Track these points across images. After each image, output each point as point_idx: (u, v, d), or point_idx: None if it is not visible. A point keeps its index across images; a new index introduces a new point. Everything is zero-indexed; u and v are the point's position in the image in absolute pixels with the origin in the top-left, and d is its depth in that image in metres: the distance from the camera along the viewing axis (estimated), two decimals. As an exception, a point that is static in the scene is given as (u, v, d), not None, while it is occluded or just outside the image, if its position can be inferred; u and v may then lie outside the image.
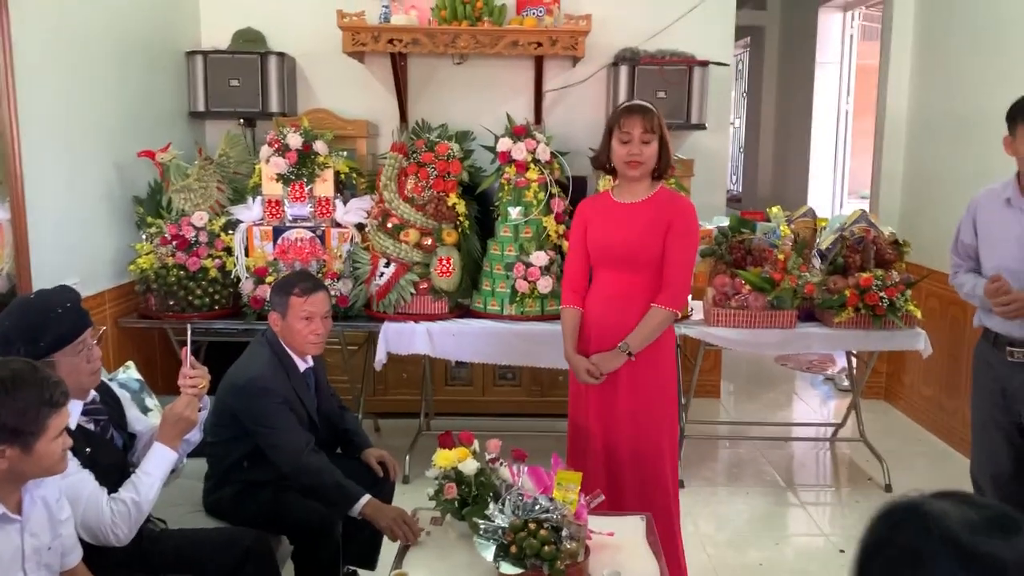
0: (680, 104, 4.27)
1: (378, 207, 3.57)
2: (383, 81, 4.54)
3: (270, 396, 2.44)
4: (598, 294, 2.64)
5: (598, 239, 2.61)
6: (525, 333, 3.45)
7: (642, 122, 2.52)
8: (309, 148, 3.58)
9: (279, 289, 2.58)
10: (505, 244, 3.54)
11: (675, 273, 2.56)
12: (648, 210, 2.59)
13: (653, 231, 2.55)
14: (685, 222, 2.58)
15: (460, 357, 3.55)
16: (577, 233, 2.70)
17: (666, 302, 2.56)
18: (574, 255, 2.71)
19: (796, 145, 7.12)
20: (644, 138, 2.53)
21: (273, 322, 2.58)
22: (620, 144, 2.55)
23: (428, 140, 3.59)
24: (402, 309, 3.52)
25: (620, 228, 2.58)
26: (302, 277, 2.63)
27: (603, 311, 2.61)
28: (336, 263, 3.57)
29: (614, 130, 2.57)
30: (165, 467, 2.07)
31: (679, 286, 2.59)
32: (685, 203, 2.64)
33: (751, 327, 3.44)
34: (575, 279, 2.70)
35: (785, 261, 3.44)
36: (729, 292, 3.47)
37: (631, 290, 2.58)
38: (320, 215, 3.64)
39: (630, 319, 2.58)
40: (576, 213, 2.76)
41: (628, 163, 2.54)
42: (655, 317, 2.57)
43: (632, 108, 2.56)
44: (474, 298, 3.62)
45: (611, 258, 2.59)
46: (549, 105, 4.56)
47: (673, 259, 2.55)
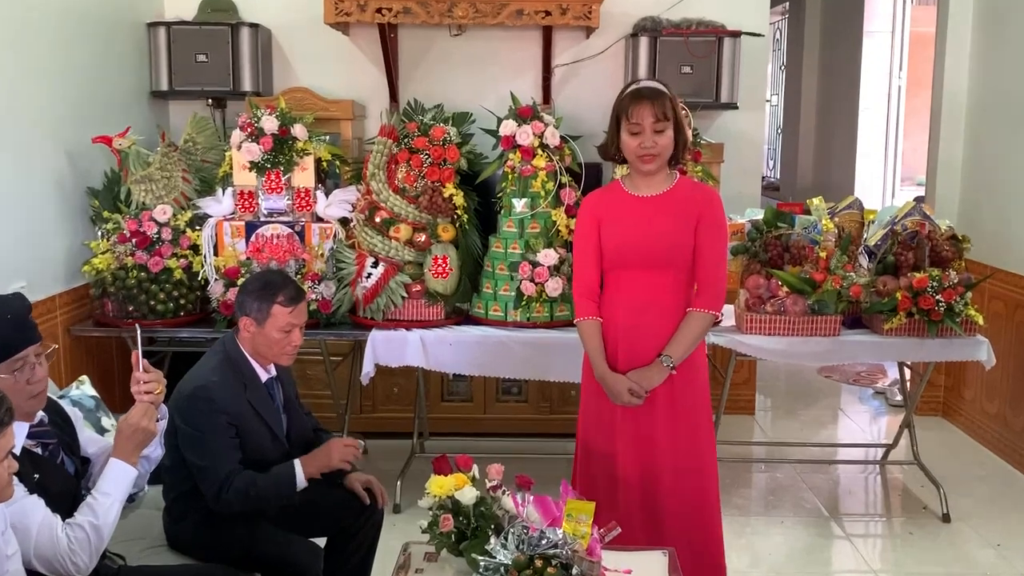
0: (708, 81, 4.27)
1: (365, 199, 3.58)
2: (371, 56, 4.55)
3: (212, 410, 2.44)
4: (620, 300, 2.63)
5: (621, 240, 2.61)
6: (532, 342, 3.45)
7: (653, 110, 2.52)
8: (286, 132, 3.59)
9: (258, 293, 2.59)
10: (509, 241, 3.55)
11: (711, 271, 2.58)
12: (672, 204, 2.59)
13: (683, 226, 2.56)
14: (715, 213, 2.60)
15: (458, 370, 3.55)
16: (587, 232, 2.69)
17: (706, 304, 2.58)
18: (584, 258, 2.69)
19: (841, 126, 7.11)
20: (657, 127, 2.54)
21: (244, 327, 2.59)
22: (630, 136, 2.56)
23: (421, 123, 3.59)
24: (392, 315, 3.52)
25: (642, 225, 2.58)
26: (284, 281, 2.64)
27: (632, 319, 2.61)
28: (317, 263, 3.58)
29: (621, 120, 2.58)
30: (124, 485, 2.07)
31: (717, 285, 2.61)
32: (712, 193, 2.64)
33: (789, 335, 3.44)
34: (590, 285, 2.69)
35: (828, 260, 3.43)
36: (764, 295, 3.47)
37: (660, 293, 2.59)
38: (299, 208, 3.64)
39: (664, 327, 2.59)
40: (583, 209, 2.75)
41: (641, 157, 2.55)
42: (697, 323, 2.58)
43: (640, 94, 2.56)
44: (474, 302, 3.62)
45: (635, 259, 2.59)
46: (559, 83, 4.57)
47: (707, 256, 2.57)
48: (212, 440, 2.44)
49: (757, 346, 3.46)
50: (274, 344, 2.58)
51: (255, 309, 2.58)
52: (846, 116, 6.99)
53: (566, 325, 3.45)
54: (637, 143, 2.54)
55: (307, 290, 3.43)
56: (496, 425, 4.51)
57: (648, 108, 2.52)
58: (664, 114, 2.53)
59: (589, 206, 2.72)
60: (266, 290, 2.59)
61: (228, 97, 4.42)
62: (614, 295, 2.66)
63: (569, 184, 3.59)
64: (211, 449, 2.44)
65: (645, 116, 2.52)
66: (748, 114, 4.61)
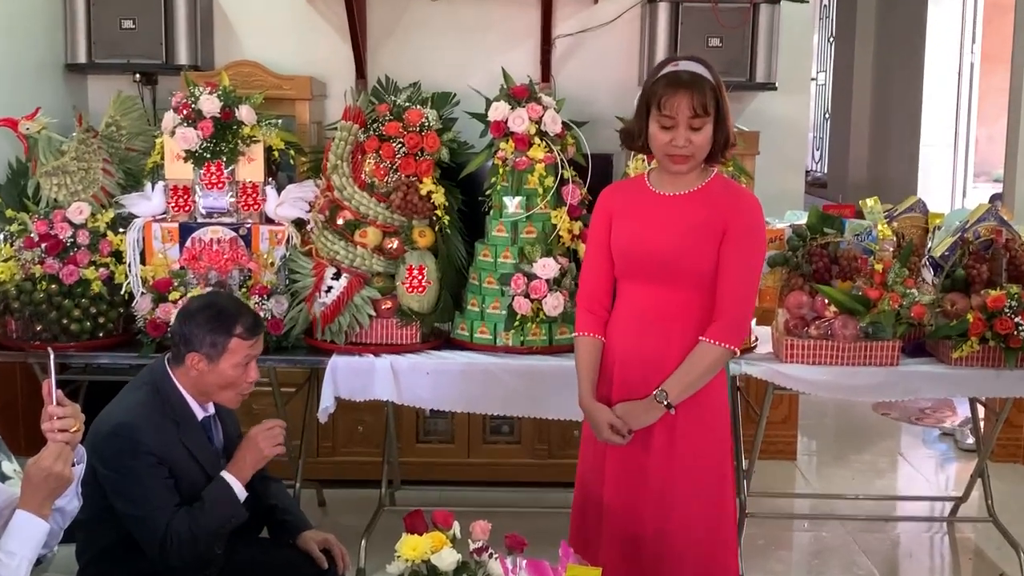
0: (741, 56, 4.30)
1: (325, 197, 3.58)
2: (333, 24, 4.57)
3: (137, 450, 2.45)
4: (625, 317, 2.66)
5: (628, 241, 2.64)
6: (527, 371, 3.45)
7: (691, 101, 2.52)
8: (230, 115, 3.59)
9: (211, 325, 2.61)
10: (500, 248, 3.55)
11: (733, 296, 2.58)
12: (698, 205, 2.61)
13: (704, 235, 2.57)
14: (748, 223, 2.61)
15: (437, 405, 3.54)
16: (599, 232, 2.72)
17: (720, 336, 2.58)
18: (594, 262, 2.73)
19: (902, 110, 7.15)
20: (694, 123, 2.54)
21: (192, 365, 2.60)
22: (660, 129, 2.57)
23: (394, 105, 3.59)
24: (357, 337, 3.52)
25: (659, 228, 2.60)
26: (239, 307, 2.67)
27: (633, 341, 2.63)
28: (266, 274, 3.57)
29: (652, 107, 2.58)
30: (34, 543, 2.07)
31: (738, 314, 2.61)
32: (748, 199, 2.65)
33: (837, 364, 3.44)
34: (595, 296, 2.72)
35: (884, 273, 3.44)
36: (807, 315, 3.48)
37: (669, 314, 2.61)
38: (245, 208, 3.64)
39: (670, 353, 2.60)
40: (598, 205, 2.78)
41: (671, 157, 2.57)
42: (704, 357, 2.58)
43: (678, 80, 2.55)
44: (456, 323, 3.62)
45: (645, 268, 2.61)
46: (561, 57, 4.59)
47: (731, 276, 2.58)
48: (144, 484, 2.46)
49: (799, 377, 3.46)
50: (228, 382, 2.61)
51: (207, 344, 2.60)
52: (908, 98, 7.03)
53: (568, 351, 3.44)
54: (668, 139, 2.56)
55: (255, 306, 3.42)
56: (483, 472, 4.50)
57: (686, 99, 2.52)
58: (704, 107, 2.53)
59: (604, 200, 2.76)
60: (221, 320, 2.61)
61: (160, 72, 4.42)
62: (619, 310, 2.70)
63: (573, 180, 3.59)
64: (144, 495, 2.46)
65: (681, 109, 2.53)
66: (789, 96, 4.64)
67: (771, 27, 4.33)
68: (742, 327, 2.64)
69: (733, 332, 2.60)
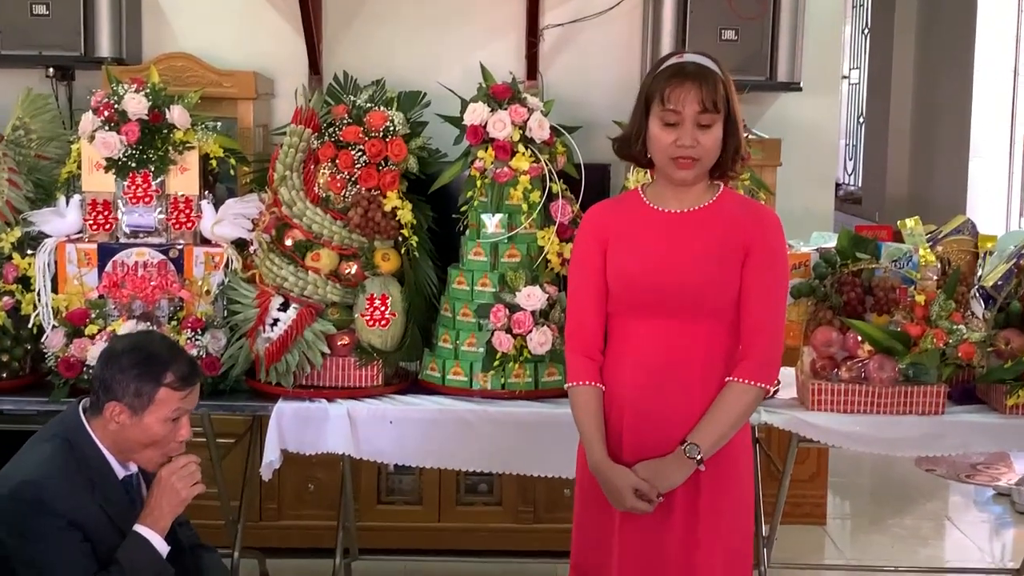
0: (759, 51, 4.33)
1: (271, 214, 3.59)
2: (283, 10, 4.58)
3: (44, 511, 2.44)
4: (629, 360, 2.66)
5: (633, 270, 2.65)
6: (508, 420, 3.46)
7: (699, 94, 2.55)
8: (160, 118, 3.60)
9: (137, 371, 2.60)
10: (477, 274, 3.56)
11: (763, 327, 2.61)
12: (712, 223, 2.63)
13: (725, 257, 2.59)
14: (771, 244, 2.63)
15: (403, 459, 3.54)
16: (587, 259, 2.73)
17: (752, 374, 2.59)
18: (585, 297, 2.73)
19: (948, 114, 7.19)
20: (702, 120, 2.57)
21: (112, 416, 2.59)
22: (663, 128, 2.59)
23: (354, 106, 3.61)
24: (308, 379, 3.52)
25: (670, 252, 2.62)
26: (172, 352, 2.66)
27: (645, 391, 2.63)
28: (201, 304, 3.57)
29: (652, 104, 2.61)
30: None
31: (770, 348, 2.63)
32: (769, 215, 2.68)
33: (873, 412, 3.45)
34: (590, 338, 2.72)
35: (927, 306, 3.46)
36: (837, 355, 3.49)
37: (687, 353, 2.61)
38: (176, 226, 3.64)
39: (690, 402, 2.61)
40: (584, 226, 2.79)
41: (676, 159, 2.58)
42: (737, 400, 2.60)
43: (683, 71, 2.58)
44: (425, 362, 3.62)
45: (657, 301, 2.62)
46: (549, 52, 4.62)
47: (758, 305, 2.60)
48: (53, 553, 2.44)
49: (828, 428, 3.46)
50: (153, 440, 2.60)
51: (131, 393, 2.59)
52: (955, 101, 7.07)
53: (557, 395, 3.45)
54: (672, 139, 2.57)
55: (186, 342, 3.42)
56: (456, 538, 4.49)
57: (693, 91, 2.55)
58: (714, 103, 2.55)
59: (592, 222, 2.76)
60: (149, 366, 2.61)
61: (77, 65, 4.42)
62: (621, 352, 2.68)
63: (563, 194, 3.62)
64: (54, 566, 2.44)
65: (688, 102, 2.55)
66: (816, 98, 4.67)
67: (795, 17, 4.37)
68: (775, 362, 2.65)
69: (766, 369, 2.62)
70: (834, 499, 5.21)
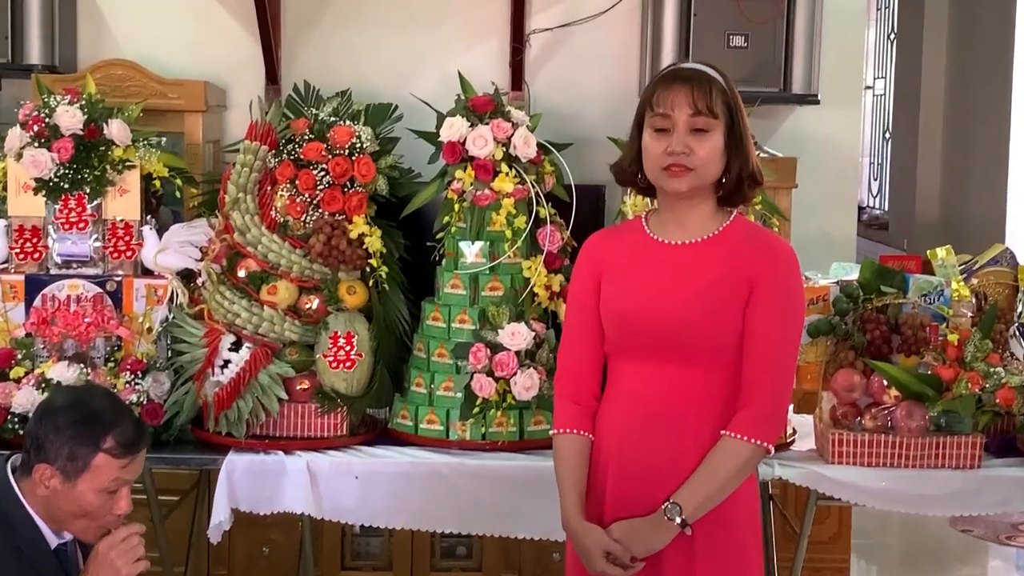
0: (772, 60, 4.35)
1: (222, 241, 3.58)
2: (237, 13, 4.58)
3: None
4: (622, 408, 2.66)
5: (625, 307, 2.66)
6: (490, 474, 3.45)
7: (690, 96, 2.56)
8: (96, 133, 3.60)
9: (74, 430, 2.59)
10: (455, 310, 3.56)
11: (765, 376, 2.60)
12: (716, 256, 2.63)
13: (726, 295, 2.59)
14: (782, 282, 2.63)
15: (370, 520, 3.52)
16: (583, 293, 2.74)
17: (749, 429, 2.58)
18: (577, 334, 2.75)
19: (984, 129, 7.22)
20: (695, 123, 2.57)
21: (42, 479, 2.58)
22: (654, 136, 2.60)
23: (316, 120, 3.61)
24: (262, 429, 3.51)
25: (667, 287, 2.62)
26: (116, 412, 2.64)
27: (633, 440, 2.63)
28: (141, 343, 3.56)
29: (645, 114, 2.63)
30: None
31: (772, 400, 2.62)
32: (781, 247, 2.68)
33: (901, 466, 3.45)
34: (580, 380, 2.73)
35: (961, 346, 3.47)
36: (861, 401, 3.49)
37: (684, 399, 2.61)
38: (115, 255, 3.64)
39: (685, 455, 2.60)
40: (582, 259, 2.80)
41: (667, 168, 2.59)
42: (730, 458, 2.59)
43: (675, 75, 2.62)
44: (396, 409, 3.62)
45: (649, 342, 2.63)
46: (537, 59, 4.63)
47: (762, 350, 2.59)
48: None
49: (851, 484, 3.46)
50: (86, 511, 2.58)
51: (64, 455, 2.57)
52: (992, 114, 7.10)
53: (545, 446, 3.43)
54: (663, 147, 2.58)
55: (125, 387, 3.41)
56: (431, 608, 4.47)
57: (683, 93, 2.56)
58: (709, 107, 2.57)
59: (588, 253, 2.78)
60: (88, 426, 2.59)
61: (4, 74, 4.41)
62: (613, 398, 2.70)
63: (551, 219, 3.62)
64: None
65: (678, 104, 2.56)
66: (836, 111, 4.69)
67: (811, 21, 4.38)
68: (777, 416, 2.65)
69: (766, 424, 2.60)
70: (858, 563, 5.20)
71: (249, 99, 3.97)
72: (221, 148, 4.47)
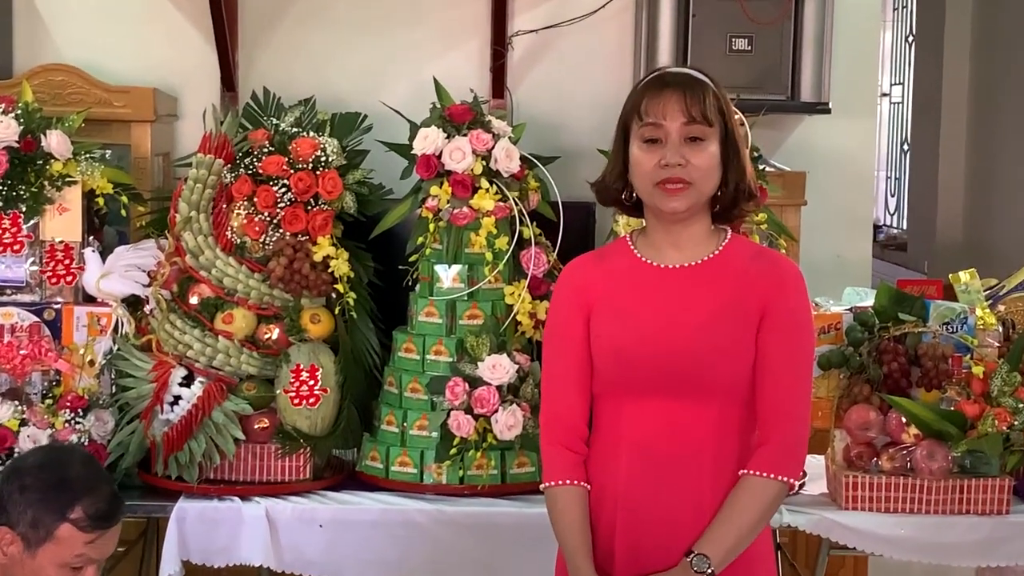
0: (778, 65, 4.36)
1: (172, 265, 3.58)
2: (189, 13, 4.58)
3: None
4: (621, 451, 2.66)
5: (618, 340, 2.65)
6: (470, 522, 3.45)
7: (683, 103, 2.56)
8: (34, 145, 3.60)
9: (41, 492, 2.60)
10: (429, 340, 3.57)
11: (784, 407, 2.61)
12: (719, 279, 2.64)
13: (737, 321, 2.60)
14: (795, 305, 2.64)
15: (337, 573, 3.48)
16: (567, 327, 2.73)
17: (772, 465, 2.59)
18: (564, 372, 2.72)
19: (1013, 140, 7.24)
20: (690, 132, 2.57)
21: (1, 543, 2.59)
22: (643, 147, 2.60)
23: (277, 131, 3.62)
24: (217, 472, 3.50)
25: (670, 316, 2.62)
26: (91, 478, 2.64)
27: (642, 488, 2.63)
28: (83, 378, 3.55)
29: (631, 125, 2.63)
30: None
31: (794, 432, 2.63)
32: (789, 268, 2.69)
33: (922, 511, 3.45)
34: (572, 423, 2.71)
35: (987, 379, 3.48)
36: (877, 441, 3.50)
37: (692, 441, 2.61)
38: (53, 280, 3.64)
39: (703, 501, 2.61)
40: (561, 286, 2.80)
41: (662, 184, 2.59)
42: (756, 497, 2.59)
43: (663, 80, 2.62)
44: (365, 450, 3.62)
45: (655, 378, 2.62)
46: (520, 64, 4.64)
47: (778, 379, 2.60)
48: None
49: (866, 531, 3.46)
50: None
51: (27, 521, 2.57)
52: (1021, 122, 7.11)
53: (530, 491, 3.45)
54: (655, 159, 2.58)
55: (64, 426, 3.40)
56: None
57: (675, 99, 2.56)
58: (704, 114, 2.56)
59: (571, 281, 2.77)
60: (58, 492, 2.59)
61: (-69, 81, 4.42)
62: (612, 441, 2.68)
63: (536, 240, 3.63)
64: None
65: (671, 112, 2.56)
66: (849, 121, 4.70)
67: (821, 22, 4.39)
68: (799, 449, 2.64)
69: (789, 457, 2.61)
70: (876, 618, 5.19)
71: (203, 107, 3.96)
72: (171, 162, 4.45)
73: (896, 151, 8.93)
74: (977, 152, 7.77)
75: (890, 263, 8.09)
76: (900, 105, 8.90)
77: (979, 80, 7.77)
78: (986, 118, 7.65)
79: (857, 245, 4.79)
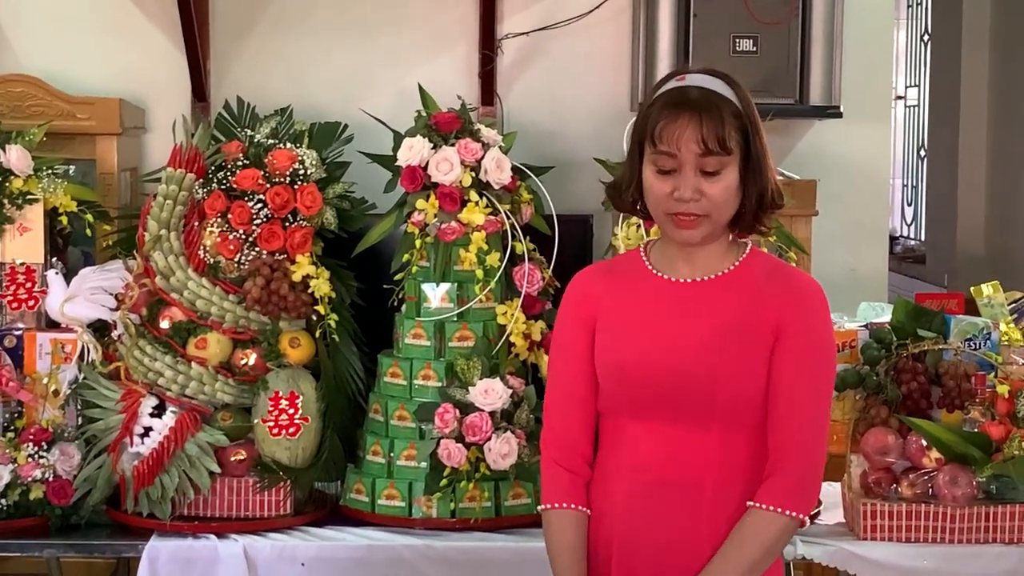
0: (786, 67, 4.37)
1: (141, 287, 3.58)
2: (158, 18, 4.59)
3: None
4: (623, 475, 2.66)
5: (626, 357, 2.65)
6: (461, 558, 3.44)
7: (698, 132, 2.53)
8: (-7, 162, 3.61)
9: None
10: (417, 364, 3.56)
11: (797, 436, 2.60)
12: (734, 297, 2.64)
13: (749, 342, 2.60)
14: (811, 324, 2.64)
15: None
16: (572, 342, 2.73)
17: (780, 499, 2.58)
18: (567, 390, 2.73)
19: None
20: (707, 165, 2.56)
21: None
22: (657, 175, 2.59)
23: (252, 143, 3.63)
24: (191, 508, 3.50)
25: (669, 333, 2.62)
26: None
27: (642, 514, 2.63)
28: (46, 409, 3.55)
29: (645, 144, 2.62)
30: None
31: (806, 462, 2.62)
32: (808, 285, 2.69)
33: (945, 541, 3.45)
34: (572, 443, 2.72)
35: (1013, 399, 3.48)
36: (896, 466, 3.50)
37: (697, 465, 2.61)
38: (14, 305, 3.64)
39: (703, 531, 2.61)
40: (567, 299, 2.80)
41: (675, 216, 2.59)
42: (761, 532, 2.58)
43: (680, 100, 2.58)
44: (349, 482, 3.62)
45: (658, 398, 2.62)
46: (511, 68, 4.65)
47: (791, 405, 2.60)
48: None
49: (886, 563, 3.46)
50: None
51: None
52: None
53: (526, 524, 3.46)
54: (668, 189, 2.58)
55: (27, 461, 3.39)
56: None
57: (691, 128, 2.53)
58: (721, 141, 2.54)
59: (577, 294, 2.77)
60: None
61: None
62: (612, 464, 2.68)
63: (530, 256, 3.63)
64: None
65: (685, 141, 2.54)
66: (862, 125, 4.71)
67: (831, 21, 4.40)
68: (813, 482, 2.63)
69: (800, 491, 2.60)
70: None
71: (172, 119, 3.97)
72: (139, 177, 4.46)
73: (912, 157, 8.94)
74: (998, 157, 7.79)
75: (907, 276, 8.10)
76: (916, 108, 8.92)
77: (999, 80, 7.80)
78: (1007, 121, 7.67)
79: (872, 257, 4.80)
